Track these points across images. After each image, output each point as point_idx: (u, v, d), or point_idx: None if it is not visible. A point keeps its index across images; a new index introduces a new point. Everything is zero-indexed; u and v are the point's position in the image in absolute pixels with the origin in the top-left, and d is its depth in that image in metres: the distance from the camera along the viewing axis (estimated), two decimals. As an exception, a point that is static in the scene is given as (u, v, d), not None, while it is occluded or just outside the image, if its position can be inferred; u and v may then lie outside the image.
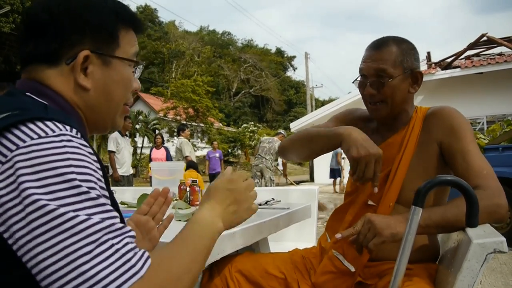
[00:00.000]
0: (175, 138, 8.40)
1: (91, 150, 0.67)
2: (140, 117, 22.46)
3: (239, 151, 28.25)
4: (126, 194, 2.96)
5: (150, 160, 7.63)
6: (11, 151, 0.60)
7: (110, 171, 6.28)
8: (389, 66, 1.32)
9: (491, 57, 11.75)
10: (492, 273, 3.53)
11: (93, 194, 0.62)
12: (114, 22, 0.80)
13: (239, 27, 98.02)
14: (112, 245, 0.60)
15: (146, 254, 0.64)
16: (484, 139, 5.46)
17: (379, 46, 1.36)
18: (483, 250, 1.01)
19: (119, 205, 1.93)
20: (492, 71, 11.24)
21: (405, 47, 1.37)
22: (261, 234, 1.41)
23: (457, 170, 1.28)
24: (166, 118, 23.21)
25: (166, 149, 7.77)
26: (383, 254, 1.33)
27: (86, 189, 0.61)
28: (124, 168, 6.58)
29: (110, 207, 0.64)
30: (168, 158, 7.53)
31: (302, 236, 2.63)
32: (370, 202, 1.40)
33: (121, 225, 0.63)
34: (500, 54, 11.76)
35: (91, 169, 0.64)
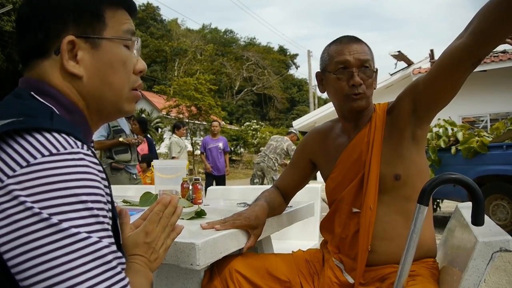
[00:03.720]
0: (171, 135, 8.18)
1: (100, 168, 0.67)
2: (143, 115, 22.49)
3: (242, 149, 28.25)
4: (129, 192, 2.96)
5: None
6: (22, 166, 0.59)
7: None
8: (371, 59, 1.41)
9: (495, 54, 11.67)
10: (496, 271, 3.51)
11: (101, 217, 0.63)
12: (97, 2, 0.78)
13: (241, 25, 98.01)
14: (121, 271, 0.63)
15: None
16: (488, 137, 5.43)
17: (358, 41, 1.42)
18: (489, 249, 1.00)
19: (122, 203, 1.93)
20: (496, 68, 11.16)
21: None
22: (264, 232, 1.41)
23: (430, 84, 1.27)
24: (168, 116, 23.20)
25: (148, 140, 6.76)
26: (383, 257, 1.33)
27: (97, 212, 0.62)
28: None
29: (110, 231, 0.65)
30: (152, 150, 6.76)
31: (305, 234, 2.63)
32: (354, 210, 1.41)
33: (120, 253, 0.65)
34: (504, 52, 11.68)
35: (101, 189, 0.65)
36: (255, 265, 1.37)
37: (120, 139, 4.61)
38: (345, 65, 1.39)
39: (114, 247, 0.63)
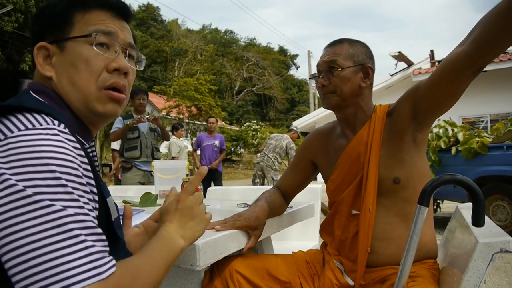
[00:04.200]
0: (171, 136, 8.15)
1: (78, 146, 0.69)
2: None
3: (242, 150, 28.24)
4: (129, 193, 2.96)
5: None
6: (0, 140, 0.64)
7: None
8: (340, 58, 1.41)
9: (495, 55, 11.68)
10: (496, 272, 3.51)
11: (70, 188, 0.64)
12: (66, 7, 0.82)
13: (242, 25, 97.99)
14: (84, 241, 0.62)
15: (113, 261, 0.66)
16: (488, 137, 5.42)
17: (333, 44, 1.47)
18: (489, 250, 1.00)
19: (122, 203, 1.93)
20: (496, 69, 11.16)
21: (357, 44, 1.46)
22: (265, 233, 1.40)
23: (430, 92, 1.26)
24: (169, 117, 23.20)
25: None
26: (383, 259, 1.33)
27: (65, 182, 0.63)
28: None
29: (83, 204, 0.65)
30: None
31: (305, 235, 2.63)
32: (354, 212, 1.41)
33: (93, 224, 0.65)
34: (504, 53, 11.69)
35: (74, 163, 0.66)
36: (255, 265, 1.37)
37: (128, 121, 4.44)
38: (318, 68, 1.48)
39: (82, 217, 0.63)
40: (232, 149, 27.05)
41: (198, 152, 7.52)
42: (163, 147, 8.21)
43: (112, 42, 0.83)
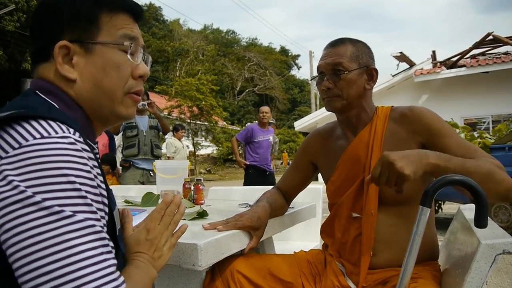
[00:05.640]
0: (171, 136, 8.21)
1: (92, 156, 0.69)
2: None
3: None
4: (131, 192, 2.96)
5: None
6: (14, 148, 0.62)
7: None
8: (345, 60, 1.38)
9: (497, 56, 11.66)
10: (498, 273, 3.50)
11: (89, 200, 0.64)
12: (92, 7, 0.79)
13: (243, 25, 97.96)
14: (102, 253, 0.63)
15: (122, 276, 0.67)
16: (490, 138, 5.41)
17: (335, 44, 1.43)
18: (492, 251, 1.00)
19: (124, 203, 1.93)
20: (498, 70, 11.15)
21: (360, 45, 1.43)
22: (266, 233, 1.40)
23: None
24: (170, 117, 23.21)
25: (108, 135, 5.31)
26: (385, 261, 1.33)
27: (85, 194, 0.63)
28: None
29: (100, 217, 0.66)
30: (111, 146, 5.56)
31: (307, 235, 2.63)
32: (354, 215, 1.41)
33: (107, 236, 0.66)
34: (506, 53, 11.66)
35: (90, 173, 0.66)
36: (257, 265, 1.37)
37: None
38: (320, 70, 1.44)
39: (99, 229, 0.64)
40: (234, 149, 26.97)
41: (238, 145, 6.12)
42: (164, 147, 8.20)
43: (137, 47, 0.84)
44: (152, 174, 4.61)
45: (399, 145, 1.34)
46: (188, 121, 22.02)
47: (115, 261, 0.66)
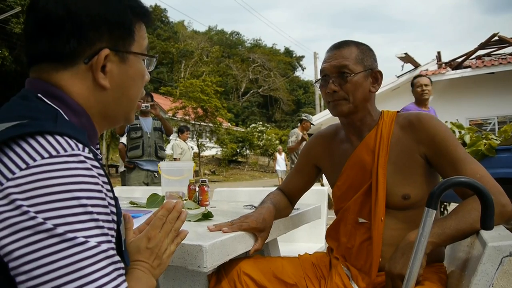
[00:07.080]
0: (176, 138, 8.28)
1: (101, 172, 0.67)
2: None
3: (248, 151, 28.26)
4: (136, 194, 2.97)
5: None
6: (21, 169, 0.59)
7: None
8: (350, 63, 1.36)
9: (503, 57, 11.59)
10: (504, 275, 3.48)
11: (101, 222, 0.62)
12: (129, 17, 0.78)
13: (247, 27, 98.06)
14: (115, 278, 0.62)
15: None
16: (496, 139, 5.38)
17: (339, 46, 1.41)
18: (498, 253, 0.99)
19: (130, 204, 1.94)
20: (504, 71, 11.08)
21: (364, 48, 1.42)
22: (271, 235, 1.40)
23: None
24: (175, 118, 23.27)
25: None
26: None
27: (96, 216, 0.62)
28: None
29: (111, 238, 0.65)
30: None
31: (312, 237, 2.63)
32: (361, 220, 1.40)
33: (119, 258, 0.65)
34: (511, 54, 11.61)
35: (102, 192, 0.64)
36: (263, 268, 1.37)
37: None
38: (324, 73, 1.41)
39: (112, 252, 0.63)
40: (238, 150, 27.06)
41: None
42: (168, 149, 8.24)
43: (153, 60, 0.87)
44: (156, 175, 4.64)
45: (404, 151, 1.34)
46: (193, 122, 22.07)
47: (126, 284, 0.65)
